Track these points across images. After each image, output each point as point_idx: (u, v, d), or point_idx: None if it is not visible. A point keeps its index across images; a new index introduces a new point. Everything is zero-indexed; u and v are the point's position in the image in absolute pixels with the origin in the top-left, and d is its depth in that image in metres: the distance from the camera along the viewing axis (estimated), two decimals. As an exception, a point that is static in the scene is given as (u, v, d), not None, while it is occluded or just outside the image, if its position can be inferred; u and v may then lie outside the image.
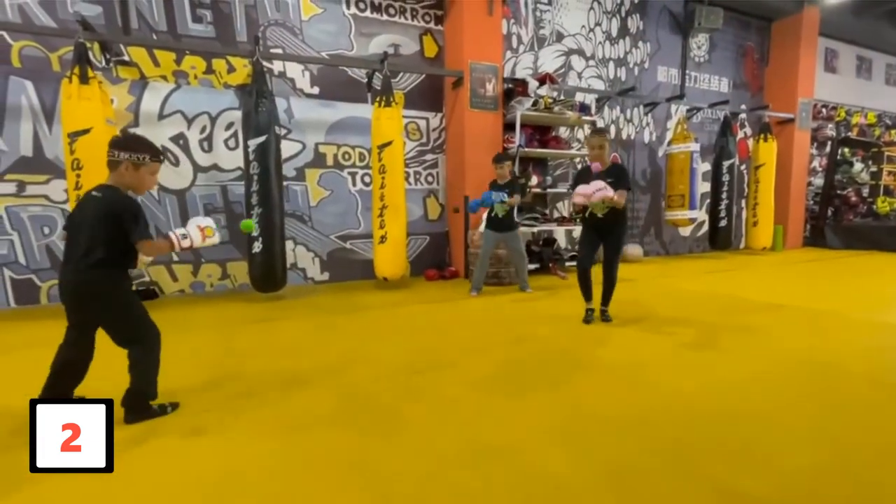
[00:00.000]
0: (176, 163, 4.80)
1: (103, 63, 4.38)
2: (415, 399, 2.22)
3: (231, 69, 4.93)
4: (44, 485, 1.49)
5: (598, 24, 6.98)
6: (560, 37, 6.69)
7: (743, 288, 4.96)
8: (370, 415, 2.06)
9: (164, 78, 4.66)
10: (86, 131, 3.69)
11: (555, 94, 5.94)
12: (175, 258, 4.85)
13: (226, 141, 4.97)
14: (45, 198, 4.32)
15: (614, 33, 7.14)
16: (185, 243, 1.93)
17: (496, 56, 5.65)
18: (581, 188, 3.38)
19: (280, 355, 2.89)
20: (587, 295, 3.71)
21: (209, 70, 4.84)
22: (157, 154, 2.01)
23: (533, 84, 5.74)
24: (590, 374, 2.54)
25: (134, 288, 4.60)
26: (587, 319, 3.65)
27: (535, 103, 5.62)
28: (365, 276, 5.64)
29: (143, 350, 1.99)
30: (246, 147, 4.38)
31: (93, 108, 3.74)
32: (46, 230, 4.36)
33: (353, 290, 5.13)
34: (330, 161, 5.46)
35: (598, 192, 3.22)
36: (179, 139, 4.78)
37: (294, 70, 5.19)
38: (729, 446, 1.75)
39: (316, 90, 5.31)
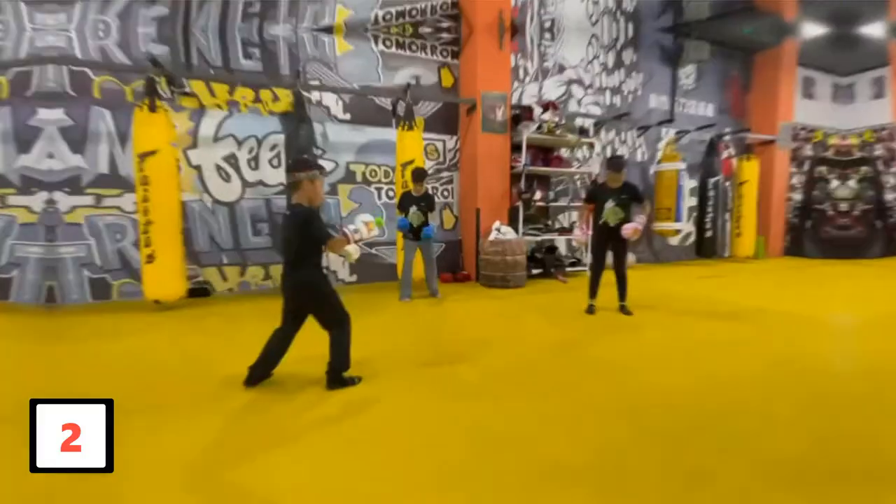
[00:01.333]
0: (227, 179, 4.93)
1: (169, 94, 4.54)
2: (431, 383, 2.23)
3: (275, 98, 5.06)
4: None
5: (595, 56, 6.96)
6: (562, 68, 6.70)
7: (731, 293, 4.86)
8: (374, 416, 2.08)
9: (219, 106, 4.81)
10: (153, 152, 3.83)
11: (557, 119, 5.93)
12: (225, 260, 4.97)
13: (270, 160, 5.09)
14: (118, 209, 4.48)
15: (610, 65, 7.12)
16: (357, 236, 2.11)
17: (505, 86, 5.69)
18: (630, 227, 3.52)
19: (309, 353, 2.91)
20: (593, 293, 3.88)
21: (257, 99, 4.98)
22: (323, 168, 2.27)
23: (538, 110, 5.75)
24: (586, 369, 2.52)
25: (190, 286, 4.74)
26: (590, 311, 3.85)
27: (539, 127, 5.63)
28: (388, 278, 5.68)
29: (343, 331, 2.21)
30: (293, 160, 4.46)
31: (159, 133, 3.88)
32: (118, 237, 4.51)
33: (378, 290, 5.17)
34: (359, 178, 5.54)
35: (636, 229, 3.47)
36: (231, 159, 4.92)
37: (329, 99, 5.30)
38: (711, 434, 1.72)
39: (348, 116, 5.41)
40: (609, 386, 2.24)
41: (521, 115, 5.80)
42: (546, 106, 5.82)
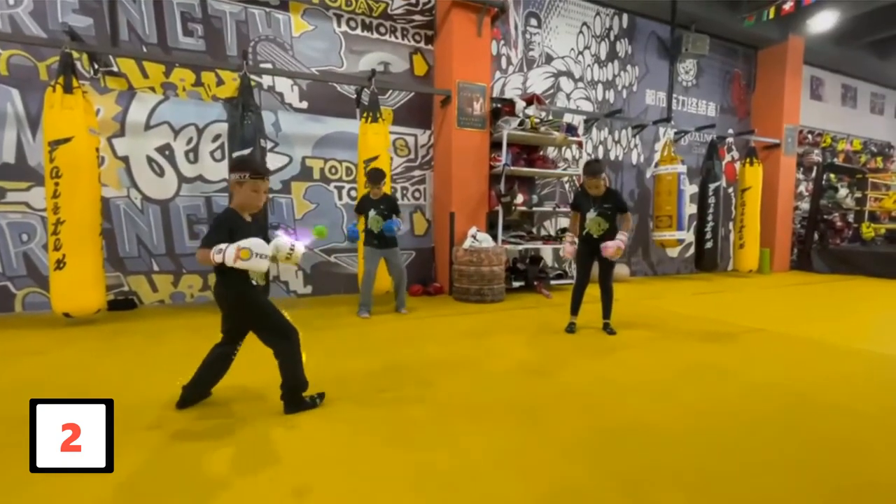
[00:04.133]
0: (161, 173, 4.79)
1: (91, 73, 4.41)
2: (379, 421, 2.17)
3: (220, 82, 4.97)
4: None
5: (586, 47, 7.10)
6: (549, 59, 6.80)
7: (727, 311, 4.93)
8: (325, 441, 2.01)
9: (153, 89, 4.69)
10: (66, 140, 3.68)
11: (543, 114, 6.00)
12: (156, 267, 4.81)
13: (212, 153, 4.97)
14: (25, 205, 4.29)
15: (603, 56, 7.27)
16: (217, 258, 1.96)
17: (484, 76, 5.72)
18: (612, 246, 3.56)
19: (247, 370, 2.81)
20: (575, 310, 3.92)
21: (198, 82, 4.87)
22: (257, 171, 2.15)
23: (520, 104, 5.80)
24: (554, 397, 2.49)
25: (112, 297, 4.57)
26: (570, 329, 3.86)
27: (521, 123, 5.67)
28: (348, 290, 5.60)
29: (289, 344, 2.19)
30: (231, 159, 4.38)
31: (75, 118, 3.73)
32: (25, 237, 4.32)
33: (336, 304, 5.07)
34: (316, 175, 5.47)
35: (618, 248, 3.47)
36: (165, 150, 4.78)
37: (283, 85, 5.23)
38: (687, 476, 1.70)
39: (304, 105, 5.34)
40: (576, 418, 2.21)
41: (502, 108, 5.84)
42: (530, 99, 5.88)
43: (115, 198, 4.60)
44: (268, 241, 2.20)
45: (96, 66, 4.40)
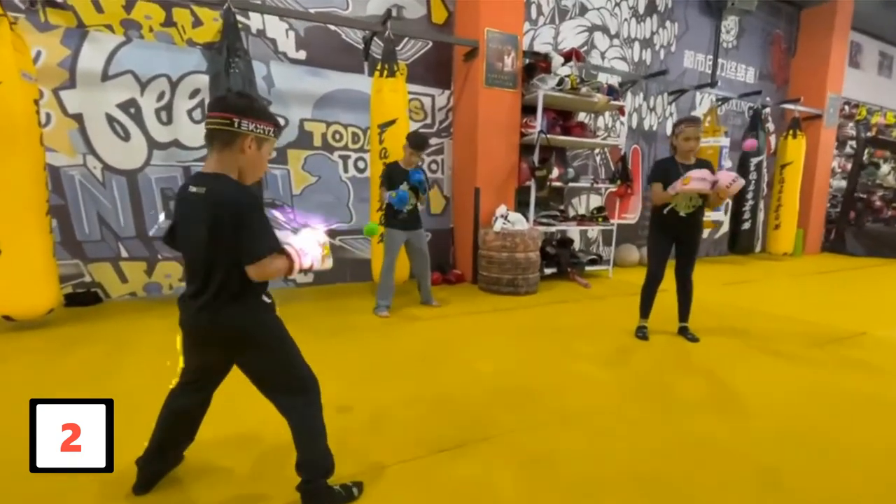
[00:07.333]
0: (126, 136, 3.87)
1: (26, 3, 3.41)
2: (436, 492, 1.45)
3: (198, 23, 4.00)
4: None
5: (624, -3, 6.20)
6: (584, 10, 5.89)
7: (798, 306, 4.33)
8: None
9: (110, 28, 3.71)
10: (-9, 87, 2.76)
11: (580, 73, 5.15)
12: (124, 253, 3.96)
13: (190, 112, 4.05)
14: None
15: (641, 10, 6.37)
16: (307, 262, 1.41)
17: (517, 25, 4.82)
18: (709, 175, 2.78)
19: (239, 413, 2.05)
20: (646, 310, 3.23)
21: (169, 22, 3.90)
22: (279, 125, 1.46)
23: (557, 60, 4.93)
24: (704, 458, 1.81)
25: (70, 290, 3.73)
26: (641, 335, 3.19)
27: (560, 83, 4.82)
28: (356, 278, 4.83)
29: (308, 404, 1.44)
30: (229, 97, 3.48)
31: (3, 56, 2.80)
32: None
33: (343, 296, 4.31)
34: (318, 141, 4.58)
35: (735, 182, 2.74)
36: (130, 107, 3.85)
37: (276, 28, 4.27)
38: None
39: (302, 55, 4.40)
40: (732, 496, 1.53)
41: (536, 65, 4.98)
42: (568, 55, 5.02)
43: (67, 166, 3.69)
44: None
45: (33, -6, 3.41)
